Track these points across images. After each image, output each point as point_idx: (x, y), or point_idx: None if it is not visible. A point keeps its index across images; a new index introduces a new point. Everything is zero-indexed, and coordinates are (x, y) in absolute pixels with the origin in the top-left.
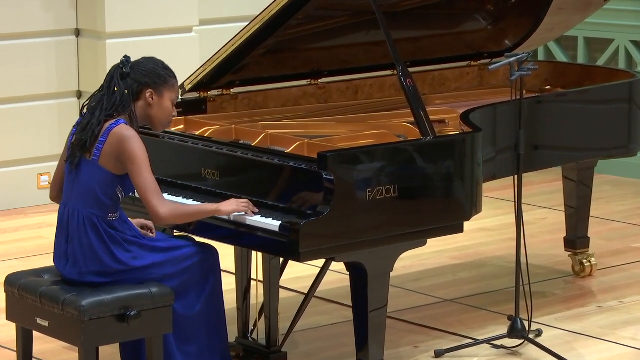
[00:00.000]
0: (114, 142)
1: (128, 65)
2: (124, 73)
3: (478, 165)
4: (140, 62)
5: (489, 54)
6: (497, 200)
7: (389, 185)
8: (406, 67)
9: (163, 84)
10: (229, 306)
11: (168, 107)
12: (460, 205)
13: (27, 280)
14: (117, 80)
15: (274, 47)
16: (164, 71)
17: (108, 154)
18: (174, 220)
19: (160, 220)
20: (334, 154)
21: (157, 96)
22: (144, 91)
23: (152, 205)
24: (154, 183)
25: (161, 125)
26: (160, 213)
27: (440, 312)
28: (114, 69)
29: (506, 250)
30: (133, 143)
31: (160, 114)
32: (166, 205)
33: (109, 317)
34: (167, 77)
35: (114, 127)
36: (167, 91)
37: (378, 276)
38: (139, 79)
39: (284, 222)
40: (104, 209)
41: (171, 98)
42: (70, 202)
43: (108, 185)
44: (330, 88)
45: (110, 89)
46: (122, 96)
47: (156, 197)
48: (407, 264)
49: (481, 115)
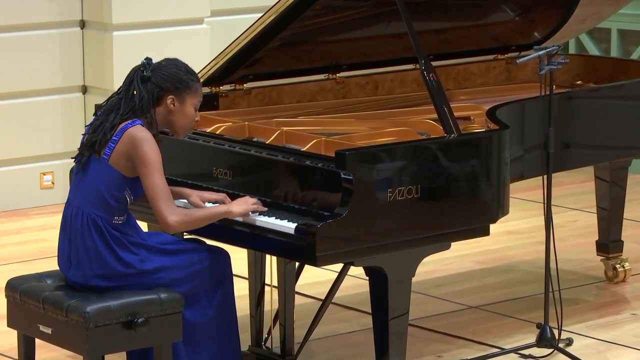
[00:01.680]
0: (127, 142)
1: (149, 68)
2: (145, 77)
3: (505, 165)
4: (162, 66)
5: (516, 46)
6: (525, 201)
7: (411, 185)
8: (429, 61)
9: (185, 89)
10: (241, 313)
11: (190, 113)
12: (486, 207)
13: (29, 285)
14: (137, 84)
15: (289, 40)
16: (186, 75)
17: (120, 153)
18: (184, 228)
19: (169, 229)
20: (352, 153)
21: (178, 102)
22: (165, 97)
23: (161, 213)
24: (165, 188)
25: (183, 132)
26: (169, 222)
27: (465, 320)
28: (133, 72)
29: (535, 255)
30: (147, 145)
31: (182, 120)
32: (176, 213)
33: (116, 324)
34: (190, 82)
35: (129, 127)
36: (190, 97)
37: (399, 281)
38: (160, 83)
39: (299, 224)
40: (109, 211)
41: (193, 104)
42: (75, 201)
43: (116, 187)
44: (348, 83)
45: (129, 92)
46: (141, 100)
47: (166, 203)
48: (430, 269)
49: (508, 111)
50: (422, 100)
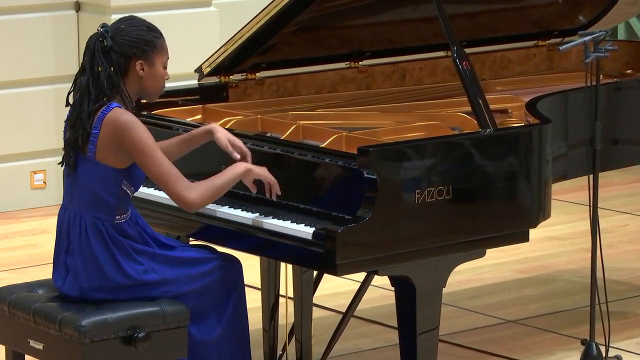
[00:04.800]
0: (111, 131)
1: (108, 36)
2: (106, 47)
3: (546, 163)
4: (121, 30)
5: (559, 32)
6: (568, 203)
7: (442, 186)
8: (462, 48)
9: (152, 50)
10: (253, 327)
11: (161, 73)
12: (525, 210)
13: (18, 296)
14: (100, 57)
15: (307, 24)
16: (150, 34)
17: (106, 145)
18: (207, 202)
19: (191, 208)
20: (377, 149)
21: (147, 66)
22: (133, 64)
23: (179, 195)
24: (172, 168)
25: (156, 94)
26: (189, 201)
27: (502, 335)
28: (92, 44)
29: (579, 263)
30: (135, 129)
31: (154, 83)
32: (194, 190)
33: (114, 339)
34: (155, 40)
35: (107, 114)
36: (158, 57)
37: (428, 292)
38: (125, 51)
39: (318, 229)
40: (110, 211)
41: (162, 62)
42: (71, 206)
43: (111, 183)
44: (372, 72)
45: (94, 70)
46: (108, 78)
47: (180, 183)
48: (463, 279)
49: (550, 104)
50: (454, 91)
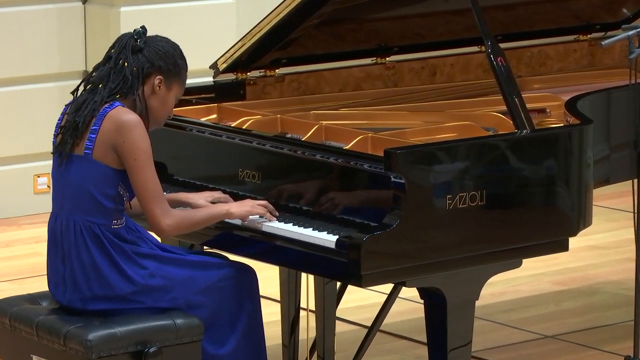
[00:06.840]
0: (111, 128)
1: (143, 38)
2: (137, 47)
3: (587, 167)
4: (156, 39)
5: (601, 25)
6: (611, 210)
7: (475, 191)
8: (497, 43)
9: (176, 75)
10: (273, 342)
11: (171, 103)
12: (564, 217)
13: (20, 308)
14: (128, 54)
15: (330, 17)
16: (181, 60)
17: (104, 143)
18: (178, 232)
19: (161, 233)
20: (405, 152)
21: (165, 86)
22: (154, 76)
23: (156, 218)
24: (157, 186)
25: (155, 124)
26: (162, 225)
27: (539, 352)
28: (125, 40)
29: (623, 274)
30: (136, 131)
31: (161, 109)
32: (171, 216)
33: (122, 354)
34: (182, 70)
35: (109, 111)
36: (177, 85)
37: (460, 305)
38: (153, 59)
39: (341, 237)
40: (106, 215)
41: (176, 95)
42: (62, 212)
43: (108, 184)
44: (400, 68)
45: (118, 63)
46: (130, 75)
47: (159, 204)
48: (497, 291)
49: (591, 103)
50: (488, 89)
